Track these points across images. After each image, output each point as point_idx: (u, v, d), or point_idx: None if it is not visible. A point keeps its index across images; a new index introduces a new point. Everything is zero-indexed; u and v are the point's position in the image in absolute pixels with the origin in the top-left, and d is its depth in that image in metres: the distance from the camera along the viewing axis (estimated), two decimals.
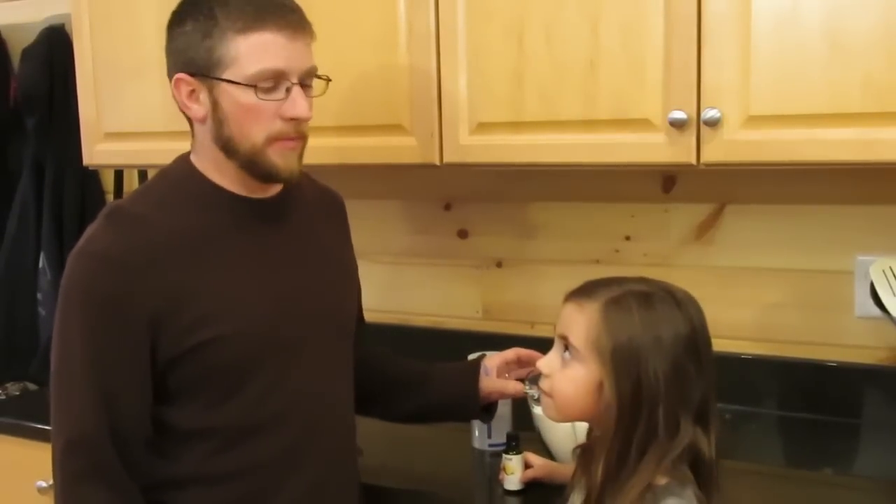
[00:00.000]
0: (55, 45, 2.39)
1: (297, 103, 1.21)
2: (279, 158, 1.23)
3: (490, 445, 1.63)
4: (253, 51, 1.18)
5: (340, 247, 1.45)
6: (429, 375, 1.50)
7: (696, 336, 1.09)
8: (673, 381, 1.06)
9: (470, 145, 1.65)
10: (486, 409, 1.49)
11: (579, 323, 1.11)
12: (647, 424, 1.06)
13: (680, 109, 1.45)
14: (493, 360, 1.47)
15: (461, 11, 1.61)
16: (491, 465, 1.55)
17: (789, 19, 1.39)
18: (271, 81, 1.20)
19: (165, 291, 1.18)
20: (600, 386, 1.09)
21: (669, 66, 1.47)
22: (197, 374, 1.22)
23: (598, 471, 1.09)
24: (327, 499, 1.34)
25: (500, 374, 1.46)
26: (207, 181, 1.27)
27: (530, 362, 1.44)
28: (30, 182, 2.46)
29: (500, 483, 1.49)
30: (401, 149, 1.70)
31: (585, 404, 1.11)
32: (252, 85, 1.19)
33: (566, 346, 1.13)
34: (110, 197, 2.48)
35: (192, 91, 1.23)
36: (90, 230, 1.22)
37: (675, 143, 1.48)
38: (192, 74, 1.21)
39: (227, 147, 1.23)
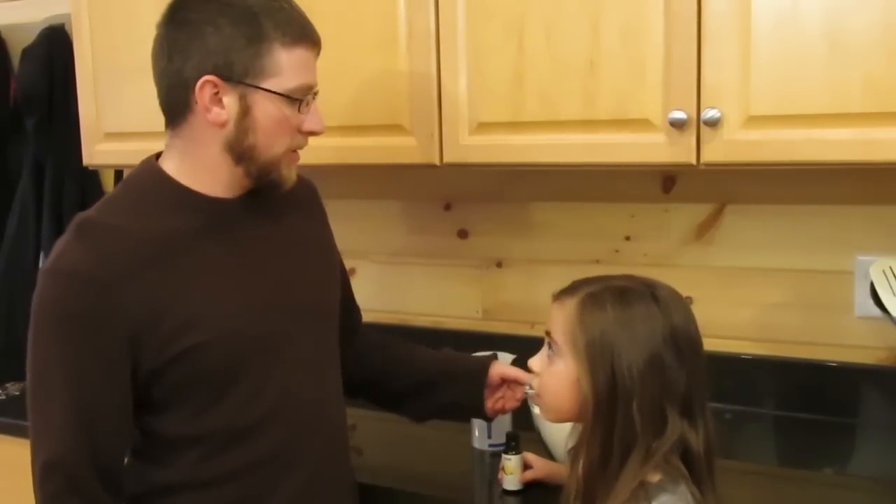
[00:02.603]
0: (55, 45, 2.39)
1: (318, 118, 1.25)
2: (286, 170, 1.26)
3: (490, 445, 1.63)
4: (295, 65, 1.20)
5: (317, 235, 1.43)
6: (441, 377, 1.48)
7: (676, 332, 1.09)
8: (650, 376, 1.06)
9: (470, 145, 1.65)
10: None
11: (559, 319, 1.13)
12: (625, 420, 1.06)
13: (680, 109, 1.45)
14: (496, 369, 1.45)
15: (461, 11, 1.61)
16: (491, 465, 1.55)
17: (789, 19, 1.39)
18: (302, 96, 1.22)
19: (143, 303, 1.16)
20: (578, 381, 1.10)
21: (669, 66, 1.47)
22: (181, 381, 1.20)
23: (580, 468, 1.09)
24: (321, 497, 1.33)
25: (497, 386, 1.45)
26: (176, 184, 1.24)
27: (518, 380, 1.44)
28: (30, 182, 2.46)
29: (499, 483, 1.49)
30: (401, 149, 1.70)
31: (569, 401, 1.12)
32: (297, 98, 1.21)
33: (550, 344, 1.15)
34: None
35: (216, 94, 1.19)
36: (59, 246, 1.18)
37: (675, 143, 1.48)
38: (224, 78, 1.19)
39: (243, 154, 1.22)
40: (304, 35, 1.21)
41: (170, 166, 1.25)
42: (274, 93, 1.19)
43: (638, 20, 1.48)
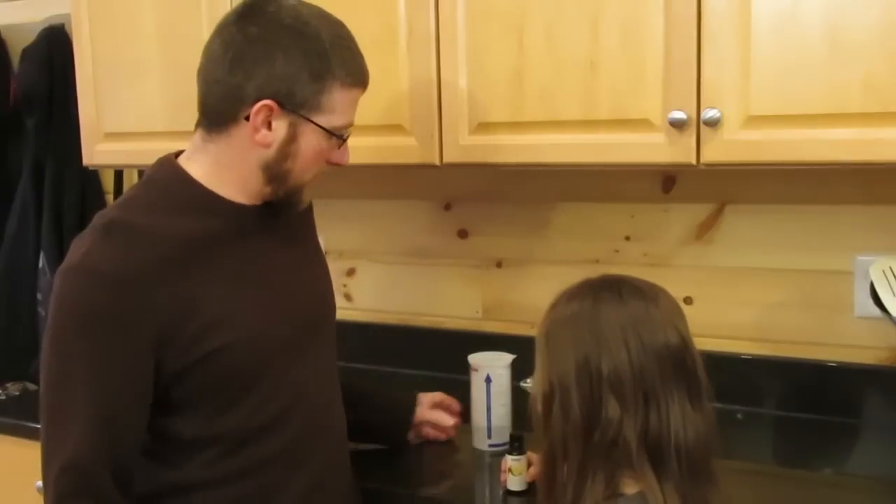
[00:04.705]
0: (55, 45, 2.39)
1: (347, 153, 1.31)
2: (306, 193, 1.31)
3: (490, 446, 1.63)
4: (347, 105, 1.25)
5: (316, 246, 1.47)
6: (369, 395, 1.60)
7: (633, 323, 1.05)
8: (584, 370, 1.03)
9: (470, 145, 1.65)
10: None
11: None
12: (564, 411, 1.03)
13: (680, 109, 1.45)
14: (425, 396, 1.64)
15: (461, 11, 1.61)
16: (491, 466, 1.55)
17: (789, 19, 1.39)
18: (343, 133, 1.27)
19: (169, 304, 1.16)
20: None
21: (669, 66, 1.47)
22: (202, 384, 1.20)
23: (540, 479, 1.07)
24: (327, 496, 1.35)
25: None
26: (201, 187, 1.25)
27: (451, 408, 1.65)
28: (30, 182, 2.46)
29: (501, 484, 1.48)
30: (401, 149, 1.70)
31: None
32: (340, 136, 1.25)
33: None
34: (110, 197, 2.48)
35: (267, 117, 1.20)
36: (84, 244, 1.17)
37: (675, 143, 1.48)
38: (281, 105, 1.19)
39: (277, 176, 1.24)
40: (362, 77, 1.26)
41: (195, 168, 1.26)
42: (324, 129, 1.23)
43: (638, 20, 1.48)
